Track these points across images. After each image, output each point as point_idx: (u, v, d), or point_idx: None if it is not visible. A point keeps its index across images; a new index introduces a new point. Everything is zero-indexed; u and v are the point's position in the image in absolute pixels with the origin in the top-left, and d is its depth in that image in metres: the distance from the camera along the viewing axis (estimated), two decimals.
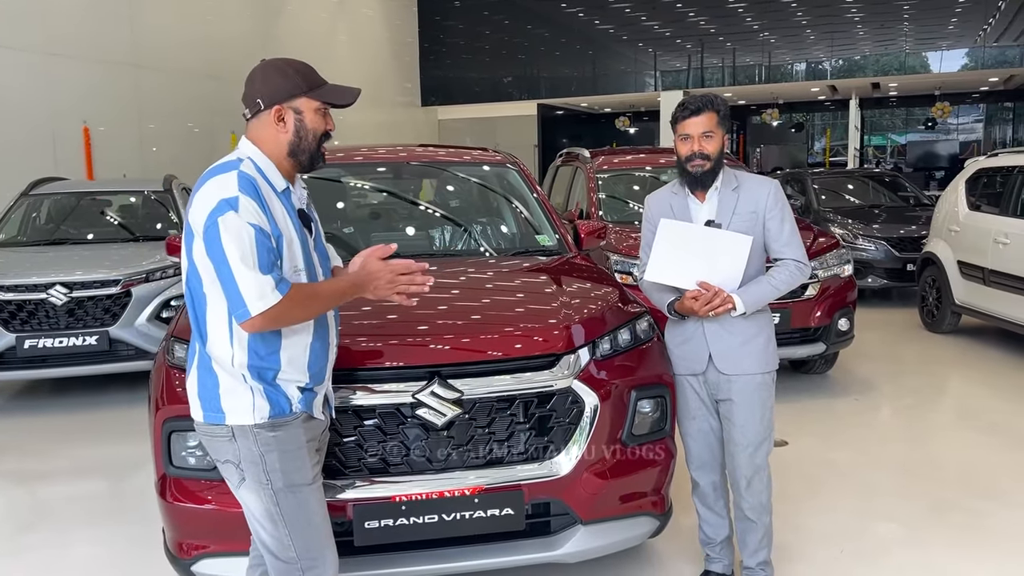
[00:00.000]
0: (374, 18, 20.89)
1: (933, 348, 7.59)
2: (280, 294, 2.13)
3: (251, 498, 2.31)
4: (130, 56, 11.88)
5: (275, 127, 2.29)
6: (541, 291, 3.44)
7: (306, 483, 2.32)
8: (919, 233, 9.27)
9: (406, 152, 4.83)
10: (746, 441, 3.02)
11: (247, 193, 2.15)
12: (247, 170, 2.22)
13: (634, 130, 27.05)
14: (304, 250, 2.32)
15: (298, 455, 2.31)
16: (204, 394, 2.29)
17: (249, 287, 2.11)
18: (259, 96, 2.29)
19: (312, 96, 2.31)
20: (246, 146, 2.32)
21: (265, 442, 2.26)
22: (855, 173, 13.28)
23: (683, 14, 23.47)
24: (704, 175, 2.96)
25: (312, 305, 2.24)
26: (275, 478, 2.27)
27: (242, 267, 2.11)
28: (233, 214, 2.12)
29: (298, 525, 2.30)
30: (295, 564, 2.32)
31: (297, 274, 2.27)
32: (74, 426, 5.83)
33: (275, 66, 2.31)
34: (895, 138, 36.58)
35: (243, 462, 2.28)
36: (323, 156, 2.41)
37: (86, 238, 7.34)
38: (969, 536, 3.79)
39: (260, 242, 2.13)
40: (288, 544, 2.30)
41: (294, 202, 2.36)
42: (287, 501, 2.29)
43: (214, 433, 2.30)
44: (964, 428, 5.49)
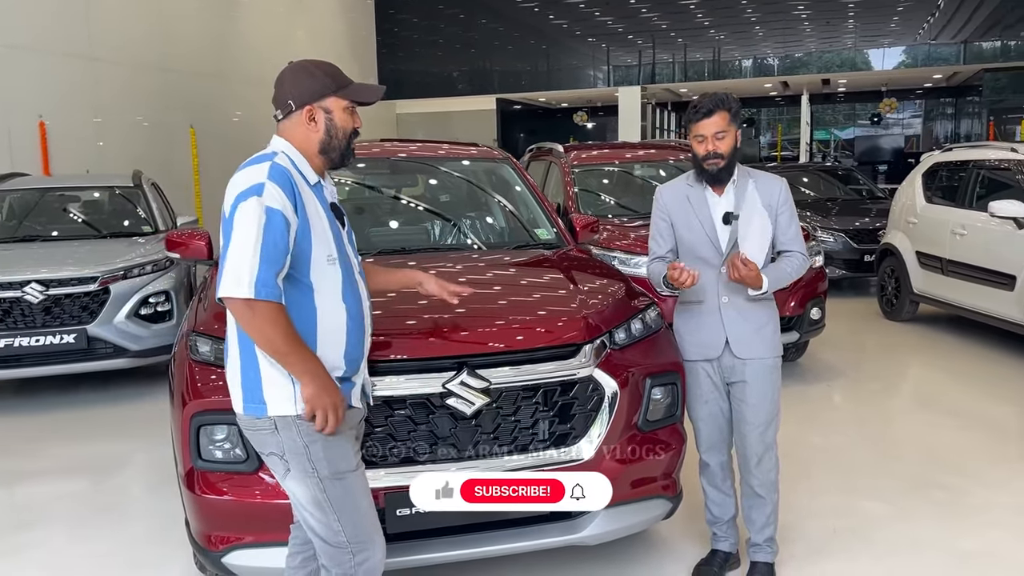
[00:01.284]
0: (331, 11, 20.70)
1: (893, 335, 7.89)
2: (252, 294, 2.13)
3: (298, 488, 2.36)
4: (87, 49, 11.61)
5: (306, 126, 2.37)
6: (556, 283, 3.53)
7: (351, 470, 2.38)
8: (874, 225, 9.60)
9: (399, 147, 4.87)
10: (758, 420, 3.17)
11: (275, 181, 2.22)
12: (281, 162, 2.29)
13: (592, 125, 27.28)
14: (339, 240, 2.40)
15: (341, 443, 2.37)
16: (247, 384, 2.32)
17: (233, 268, 2.15)
18: (290, 97, 2.37)
19: (341, 95, 2.40)
20: (279, 143, 2.39)
21: (308, 432, 2.30)
22: (810, 167, 13.65)
23: (635, 10, 23.72)
24: (720, 172, 3.10)
25: (270, 334, 2.17)
26: (320, 467, 2.32)
27: (239, 248, 2.15)
28: (255, 199, 2.18)
29: (346, 510, 2.36)
30: (346, 548, 2.37)
31: (332, 262, 2.33)
32: (50, 425, 5.76)
33: (303, 67, 2.40)
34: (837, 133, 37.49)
35: (287, 453, 2.33)
36: (353, 152, 2.49)
37: (52, 235, 7.18)
38: (952, 512, 4.00)
39: (272, 228, 2.17)
40: (338, 529, 2.36)
41: (326, 196, 2.43)
42: (334, 488, 2.34)
43: (256, 426, 2.35)
44: (929, 411, 5.74)
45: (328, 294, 2.34)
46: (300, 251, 2.27)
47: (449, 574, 3.36)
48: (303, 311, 2.30)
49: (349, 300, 2.39)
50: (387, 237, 4.30)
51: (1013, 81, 23.09)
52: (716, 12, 23.35)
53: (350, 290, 2.40)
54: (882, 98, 24.67)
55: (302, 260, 2.28)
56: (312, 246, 2.29)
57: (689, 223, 3.20)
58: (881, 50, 23.50)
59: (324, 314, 2.33)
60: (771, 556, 3.31)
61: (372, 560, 2.40)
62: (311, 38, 18.76)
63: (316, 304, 2.32)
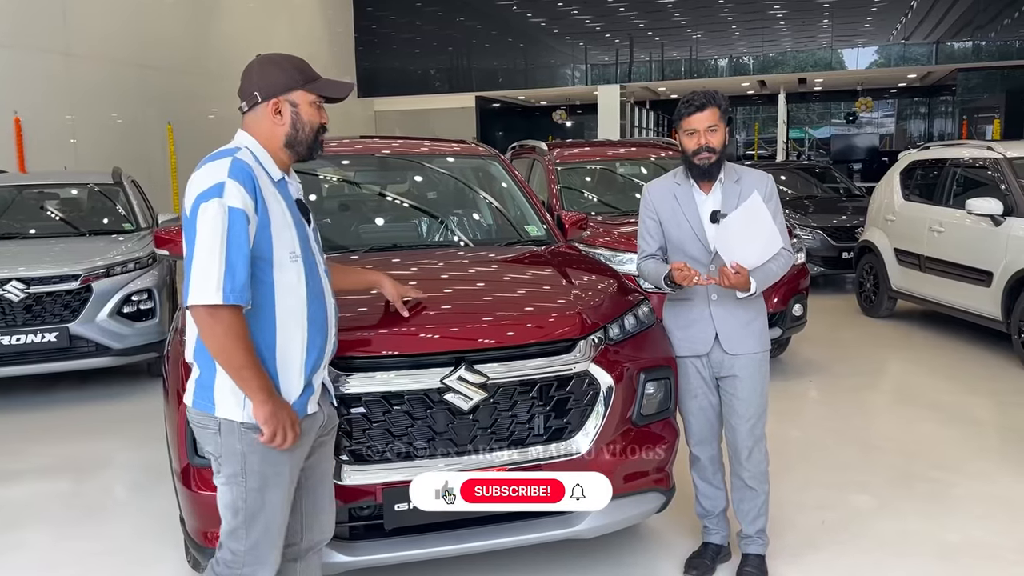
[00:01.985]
0: (309, 8, 20.59)
1: (872, 331, 8.00)
2: (220, 300, 2.11)
3: (224, 490, 2.33)
4: (62, 44, 11.47)
5: (272, 120, 2.33)
6: (550, 279, 3.55)
7: (280, 488, 2.33)
8: (852, 222, 9.72)
9: (389, 145, 4.87)
10: (748, 414, 3.21)
11: (236, 178, 2.18)
12: (243, 157, 2.26)
13: (570, 123, 27.36)
14: (302, 237, 2.36)
15: (279, 459, 2.31)
16: (201, 381, 2.30)
17: (202, 275, 2.12)
18: (256, 89, 2.34)
19: (308, 89, 2.36)
20: (243, 137, 2.36)
21: (250, 442, 2.27)
22: (788, 165, 13.78)
23: (613, 9, 23.81)
24: (711, 167, 3.13)
25: (229, 347, 2.15)
26: (251, 478, 2.29)
27: (205, 254, 2.12)
28: (217, 200, 2.15)
29: (256, 526, 2.32)
30: (240, 557, 2.34)
31: (294, 259, 2.30)
32: (41, 424, 5.70)
33: (271, 60, 2.37)
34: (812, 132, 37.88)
35: (223, 456, 2.30)
36: (321, 146, 2.46)
37: (31, 233, 7.10)
38: (936, 504, 4.07)
39: (236, 230, 2.14)
40: (242, 537, 2.32)
41: (291, 192, 2.40)
42: (255, 501, 2.30)
43: (201, 423, 2.32)
44: (910, 405, 5.83)
45: (290, 292, 2.30)
46: (261, 249, 2.23)
47: (446, 569, 3.38)
48: (264, 309, 2.26)
49: (311, 298, 2.35)
50: (378, 234, 4.29)
51: (986, 81, 23.46)
52: (693, 11, 23.49)
53: (313, 288, 2.36)
54: (857, 97, 24.95)
55: (263, 258, 2.24)
56: (273, 243, 2.26)
57: (677, 221, 3.23)
58: (855, 49, 23.76)
59: (285, 312, 2.29)
60: (762, 548, 3.35)
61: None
62: (290, 34, 18.66)
63: (276, 302, 2.28)
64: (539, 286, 3.50)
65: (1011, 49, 20.84)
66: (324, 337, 2.41)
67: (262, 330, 2.27)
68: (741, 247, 3.07)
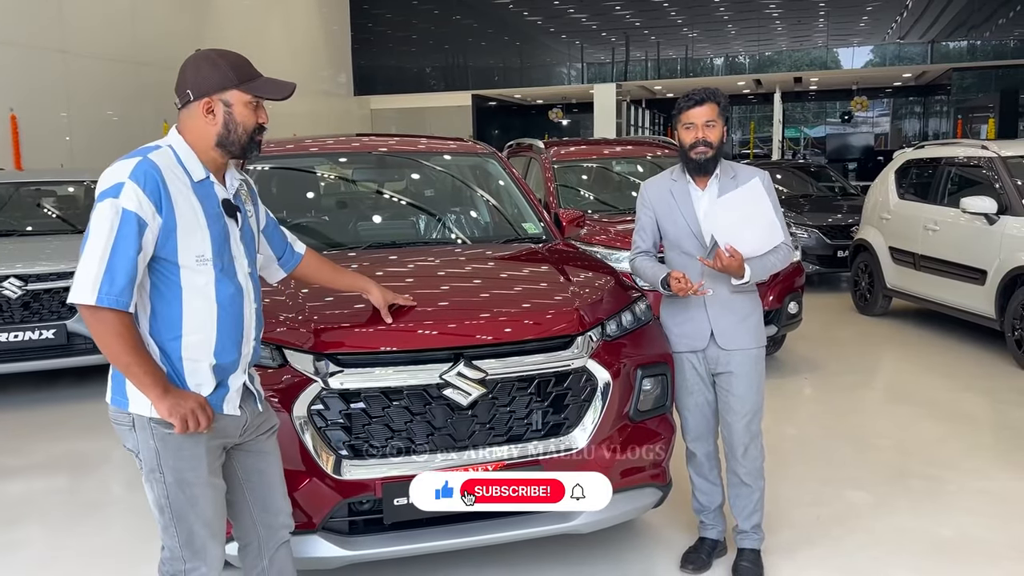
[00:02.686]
0: (305, 6, 20.58)
1: (867, 329, 8.03)
2: (95, 302, 2.09)
3: (147, 487, 2.32)
4: (58, 41, 11.46)
5: (203, 118, 2.28)
6: (548, 276, 3.57)
7: (199, 481, 2.30)
8: (847, 221, 9.76)
9: (389, 142, 4.89)
10: (744, 410, 3.24)
11: (137, 180, 2.13)
12: (157, 157, 2.21)
13: (567, 122, 27.42)
14: (219, 240, 2.30)
15: (195, 453, 2.28)
16: (116, 379, 2.28)
17: (83, 274, 2.10)
18: (189, 87, 2.28)
19: (243, 89, 2.29)
20: (172, 134, 2.32)
21: (161, 437, 2.25)
22: (784, 164, 13.82)
23: (609, 7, 23.86)
24: (707, 161, 3.15)
25: (112, 344, 2.13)
26: (167, 472, 2.26)
27: (89, 253, 2.10)
28: (111, 201, 2.11)
29: (185, 520, 2.30)
30: (178, 554, 2.32)
31: (202, 263, 2.25)
32: (40, 421, 5.70)
33: (207, 57, 2.31)
34: (807, 131, 37.97)
35: (141, 452, 2.29)
36: (258, 146, 2.39)
37: (27, 230, 7.11)
38: (930, 500, 4.10)
39: (125, 232, 2.10)
40: (173, 534, 2.31)
41: (217, 192, 2.33)
42: (177, 497, 2.28)
43: (117, 419, 2.30)
44: (904, 403, 5.86)
45: (198, 293, 2.26)
46: (165, 251, 2.20)
47: (445, 562, 3.40)
48: (169, 308, 2.25)
49: (224, 300, 2.30)
50: (376, 231, 4.31)
51: (980, 81, 23.56)
52: (689, 10, 23.55)
53: (227, 290, 2.31)
54: (852, 97, 25.02)
55: (168, 259, 2.21)
56: (178, 246, 2.21)
57: (673, 217, 3.25)
58: (851, 49, 23.85)
59: (192, 312, 2.26)
60: (758, 543, 3.38)
61: (201, 574, 2.34)
62: (285, 33, 18.66)
63: (184, 302, 2.25)
64: (537, 283, 3.53)
65: (1006, 49, 20.93)
66: (238, 340, 2.36)
67: (168, 326, 2.24)
68: (736, 230, 3.06)
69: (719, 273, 3.16)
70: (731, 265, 3.06)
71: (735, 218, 3.08)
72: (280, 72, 2.40)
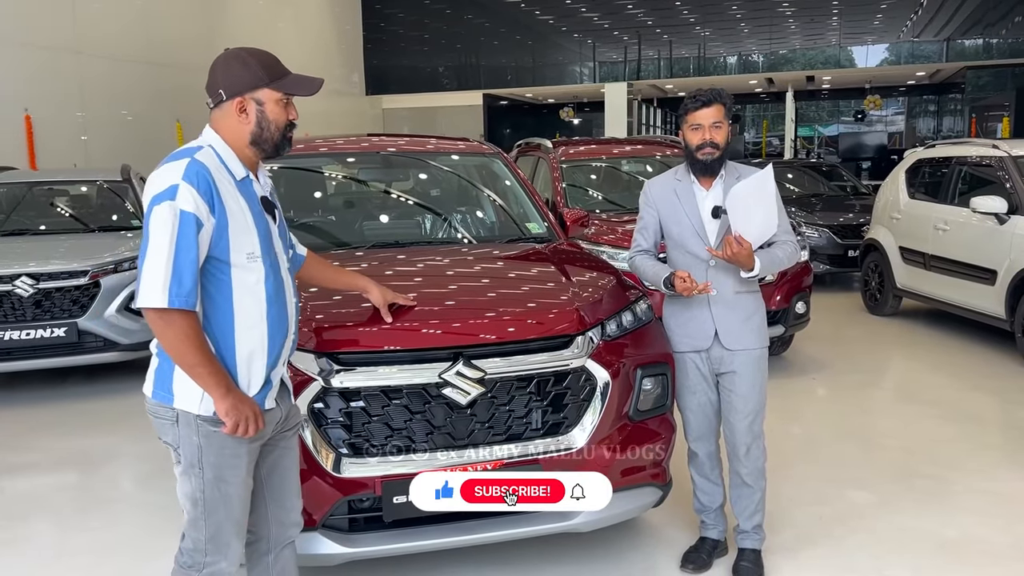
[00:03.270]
0: (317, 5, 20.66)
1: (877, 329, 8.00)
2: (166, 304, 2.13)
3: (182, 480, 2.36)
4: (72, 42, 11.57)
5: (237, 117, 2.31)
6: (549, 275, 3.59)
7: (236, 481, 2.35)
8: (858, 220, 9.71)
9: (393, 143, 4.92)
10: (747, 410, 3.24)
11: (190, 181, 2.17)
12: (203, 158, 2.24)
13: (578, 121, 27.41)
14: (264, 237, 2.35)
15: (236, 453, 2.33)
16: (160, 375, 2.32)
17: (148, 278, 2.14)
18: (221, 87, 2.31)
19: (274, 87, 2.32)
20: (208, 134, 2.35)
21: (206, 435, 2.29)
22: (795, 163, 13.77)
23: (621, 6, 23.82)
24: (713, 162, 3.16)
25: (181, 348, 2.18)
26: (208, 470, 2.31)
27: (154, 257, 2.13)
28: (168, 204, 2.15)
29: (215, 516, 2.34)
30: (201, 548, 2.37)
31: (252, 259, 2.29)
32: (40, 419, 5.76)
33: (237, 56, 2.33)
34: (821, 129, 37.77)
35: (181, 447, 2.32)
36: (289, 143, 2.43)
37: (41, 229, 7.18)
38: (934, 500, 4.10)
39: (185, 233, 2.15)
40: (201, 527, 2.35)
41: (256, 190, 2.39)
42: (212, 493, 2.32)
43: (159, 413, 2.34)
44: (912, 403, 5.85)
45: (248, 292, 2.30)
46: (218, 250, 2.24)
47: (445, 561, 3.43)
48: (222, 309, 2.28)
49: (271, 297, 2.34)
50: (380, 231, 4.34)
51: (995, 79, 23.35)
52: (701, 8, 23.48)
53: (273, 287, 2.35)
54: (866, 95, 24.87)
55: (221, 258, 2.25)
56: (230, 244, 2.25)
57: (677, 217, 3.26)
58: (865, 47, 23.71)
59: (243, 312, 2.30)
60: (758, 543, 3.39)
61: (220, 568, 2.39)
62: (297, 32, 18.75)
63: (235, 302, 2.29)
64: (538, 283, 3.54)
65: (1021, 47, 20.74)
66: (284, 335, 2.41)
67: (221, 328, 2.28)
68: (745, 217, 3.08)
69: (724, 272, 3.16)
70: (740, 254, 3.05)
71: (745, 206, 3.08)
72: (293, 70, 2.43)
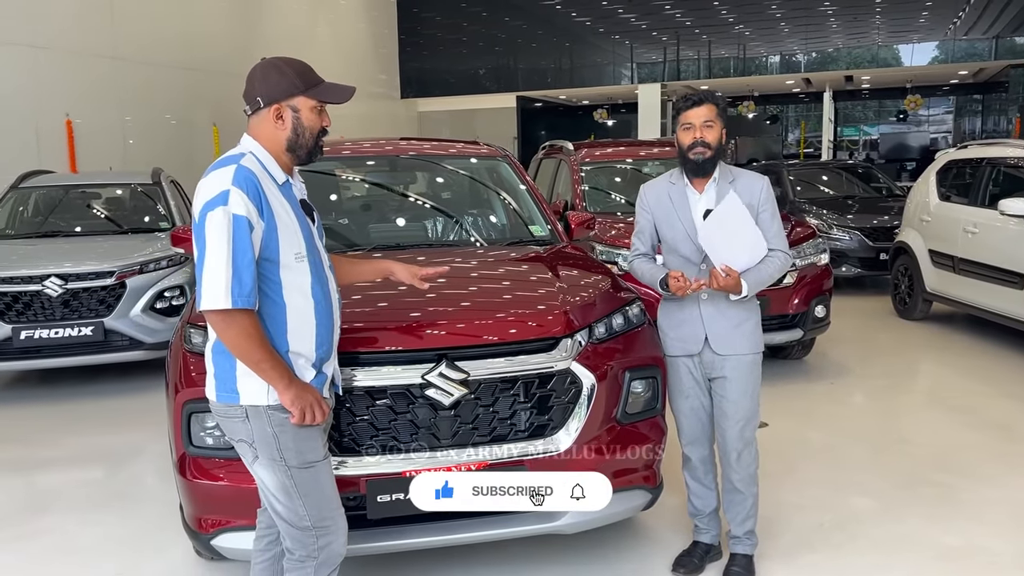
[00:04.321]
0: (353, 9, 20.90)
1: (905, 334, 7.85)
2: (230, 305, 2.24)
3: (265, 474, 2.46)
4: (111, 49, 11.88)
5: (274, 124, 2.43)
6: (540, 278, 3.60)
7: (318, 459, 2.48)
8: (892, 223, 9.54)
9: (399, 145, 4.98)
10: (738, 416, 3.23)
11: (240, 186, 2.29)
12: (248, 164, 2.36)
13: (612, 122, 27.29)
14: (308, 238, 2.48)
15: (310, 434, 2.45)
16: (220, 375, 2.43)
17: (212, 282, 2.25)
18: (259, 95, 2.43)
19: (309, 95, 2.44)
20: (248, 141, 2.47)
21: (279, 423, 2.40)
22: (829, 165, 13.58)
23: (659, 7, 23.67)
24: (705, 163, 3.16)
25: (245, 345, 2.29)
26: (288, 456, 2.42)
27: (214, 261, 2.25)
28: (222, 209, 2.26)
29: (312, 497, 2.46)
30: (310, 532, 2.47)
31: (300, 260, 2.41)
32: (69, 415, 5.93)
33: (274, 65, 2.45)
34: (867, 130, 37.09)
35: (257, 441, 2.43)
36: (321, 150, 2.55)
37: (75, 230, 7.40)
38: (940, 508, 4.03)
39: (241, 236, 2.26)
40: (303, 514, 2.46)
41: (295, 193, 2.52)
42: (301, 476, 2.44)
43: (228, 414, 2.44)
44: (934, 408, 5.74)
45: (297, 290, 2.41)
46: (268, 251, 2.34)
47: (435, 562, 3.47)
48: (274, 308, 2.39)
49: (318, 295, 2.46)
50: (381, 233, 4.40)
51: None
52: (740, 8, 23.23)
53: (319, 285, 2.47)
54: (907, 95, 24.36)
55: (271, 259, 2.36)
56: (280, 245, 2.36)
57: (670, 221, 3.26)
58: (910, 46, 23.25)
59: (294, 309, 2.41)
60: (751, 548, 3.37)
61: (335, 544, 2.51)
62: (333, 37, 18.98)
63: (286, 300, 2.40)
64: (527, 285, 3.56)
65: None
66: (331, 328, 2.54)
67: (274, 326, 2.40)
68: (727, 248, 3.09)
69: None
70: (728, 284, 3.08)
71: (722, 237, 3.09)
72: (330, 75, 2.54)
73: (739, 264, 3.11)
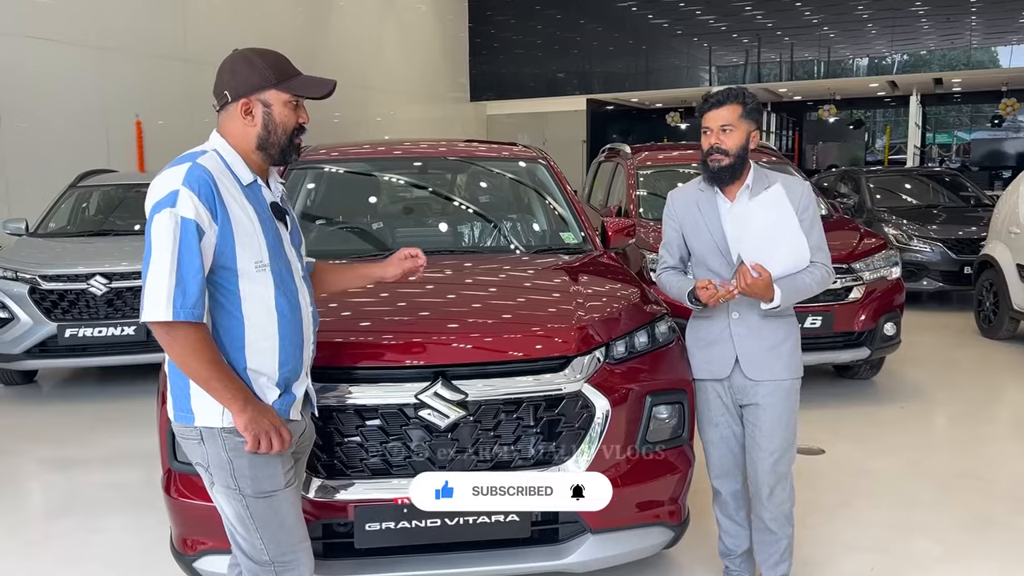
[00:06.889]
0: (424, 13, 20.92)
1: (988, 355, 7.27)
2: (171, 317, 2.03)
3: (223, 501, 2.26)
4: (181, 51, 12.08)
5: (242, 120, 2.23)
6: (557, 290, 3.33)
7: (277, 488, 2.24)
8: (978, 235, 8.90)
9: (433, 147, 4.77)
10: (772, 447, 2.90)
11: (191, 186, 2.08)
12: (205, 162, 2.15)
13: (685, 126, 26.62)
14: (274, 244, 2.24)
15: (268, 461, 2.22)
16: (176, 392, 2.24)
17: (153, 291, 2.04)
18: (226, 88, 2.23)
19: (281, 88, 2.23)
20: (215, 139, 2.27)
21: (233, 447, 2.19)
22: (913, 172, 12.86)
23: (739, 8, 23.05)
24: (721, 171, 2.84)
25: (190, 362, 2.09)
26: (243, 484, 2.21)
27: (156, 268, 2.04)
28: (168, 211, 2.06)
29: (269, 529, 2.23)
30: (268, 567, 2.26)
31: (261, 269, 2.19)
32: (111, 415, 5.91)
33: (244, 57, 2.25)
34: (961, 136, 35.41)
35: (212, 466, 2.23)
36: (297, 149, 2.33)
37: (132, 229, 7.44)
38: (1011, 555, 3.58)
39: (187, 242, 2.06)
40: (261, 547, 2.24)
41: (265, 196, 2.29)
42: (257, 506, 2.22)
43: (184, 435, 2.26)
44: (1017, 440, 5.23)
45: (258, 302, 2.20)
46: (224, 258, 2.14)
47: None
48: (230, 320, 2.18)
49: (283, 307, 2.24)
50: (401, 239, 4.14)
51: None
52: (825, 9, 22.43)
53: (284, 296, 2.25)
54: (1001, 99, 23.05)
55: (228, 267, 2.15)
56: (236, 253, 2.15)
57: (698, 231, 2.95)
58: (1009, 48, 22.07)
59: (253, 323, 2.20)
60: None
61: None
62: (402, 39, 18.99)
63: (244, 313, 2.19)
64: (542, 298, 3.28)
65: None
66: (299, 346, 2.30)
67: (230, 341, 2.19)
68: (762, 245, 2.74)
69: (746, 297, 2.83)
70: (756, 285, 2.72)
71: (761, 231, 2.75)
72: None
73: (774, 265, 2.75)
